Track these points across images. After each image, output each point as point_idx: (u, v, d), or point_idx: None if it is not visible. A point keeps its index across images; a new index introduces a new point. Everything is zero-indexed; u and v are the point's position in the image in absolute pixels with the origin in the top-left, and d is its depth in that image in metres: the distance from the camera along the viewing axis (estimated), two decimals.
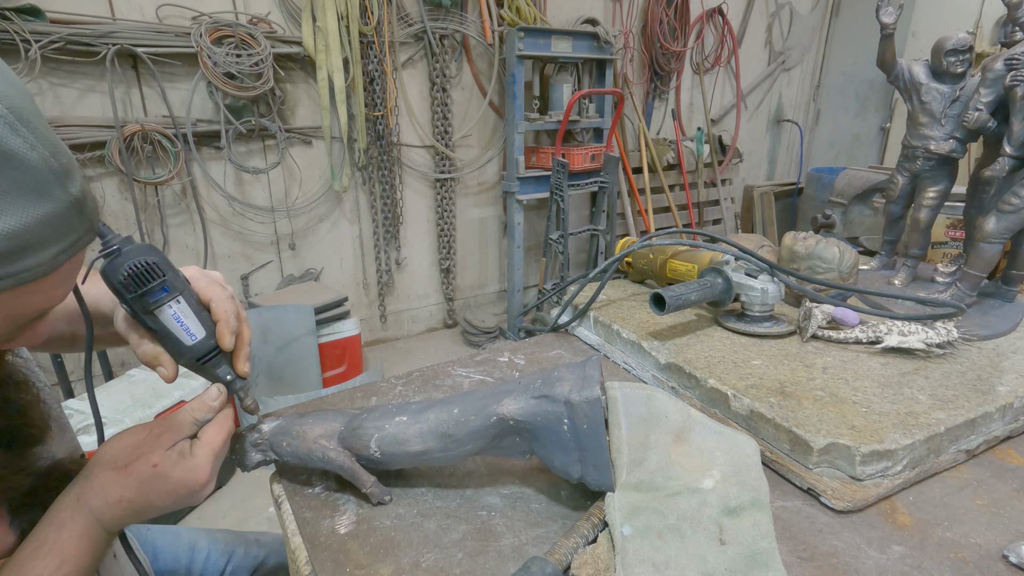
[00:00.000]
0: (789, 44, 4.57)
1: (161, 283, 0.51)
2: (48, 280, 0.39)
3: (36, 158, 0.35)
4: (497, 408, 0.56)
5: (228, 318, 0.56)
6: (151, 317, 0.52)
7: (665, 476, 0.58)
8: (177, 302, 0.53)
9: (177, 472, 0.53)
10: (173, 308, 0.53)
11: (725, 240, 1.00)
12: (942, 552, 0.54)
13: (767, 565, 0.50)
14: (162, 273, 0.51)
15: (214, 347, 0.56)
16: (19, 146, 0.34)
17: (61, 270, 0.40)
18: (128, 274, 0.50)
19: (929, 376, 0.76)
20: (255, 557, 0.95)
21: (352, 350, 2.64)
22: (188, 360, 0.55)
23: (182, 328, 0.53)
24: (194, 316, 0.54)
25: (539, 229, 3.64)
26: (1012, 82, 0.88)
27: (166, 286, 0.52)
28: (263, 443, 0.62)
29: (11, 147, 0.33)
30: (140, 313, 0.52)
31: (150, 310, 0.52)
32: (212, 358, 0.56)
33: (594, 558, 0.51)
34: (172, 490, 0.53)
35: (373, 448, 0.59)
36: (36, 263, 0.36)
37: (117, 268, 0.49)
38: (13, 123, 0.34)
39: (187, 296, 0.54)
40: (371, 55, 2.78)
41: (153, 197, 2.54)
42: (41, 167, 0.35)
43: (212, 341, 0.55)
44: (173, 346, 0.54)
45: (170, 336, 0.53)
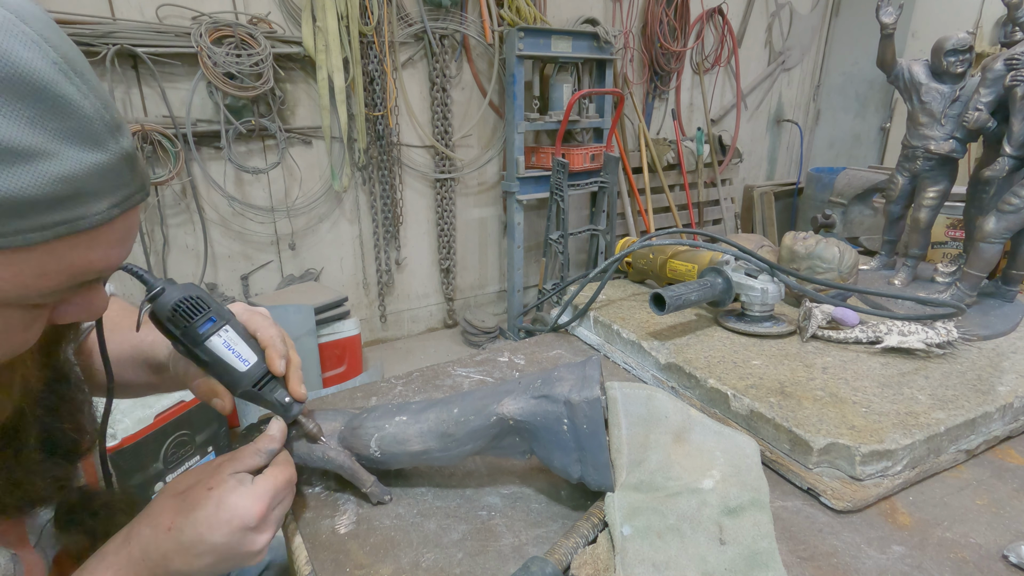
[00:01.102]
0: (789, 44, 4.57)
1: (207, 315, 0.53)
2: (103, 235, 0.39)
3: (89, 107, 0.35)
4: (497, 408, 0.56)
5: (275, 343, 0.57)
6: (202, 348, 0.53)
7: (665, 476, 0.58)
8: (226, 331, 0.54)
9: (232, 498, 0.49)
10: (223, 337, 0.54)
11: (725, 240, 1.00)
12: (942, 552, 0.54)
13: (767, 565, 0.50)
14: (207, 305, 0.54)
15: (266, 372, 0.56)
16: (72, 94, 0.34)
17: (115, 227, 0.40)
18: (175, 309, 0.52)
19: (929, 376, 0.76)
20: (260, 561, 0.94)
21: (352, 350, 2.64)
22: (244, 387, 0.56)
23: (234, 355, 0.54)
24: (244, 343, 0.55)
25: (539, 229, 3.64)
26: (1012, 82, 0.88)
27: (212, 317, 0.54)
28: None
29: (65, 93, 0.34)
30: (191, 346, 0.53)
31: (200, 342, 0.53)
32: (267, 383, 0.56)
33: (594, 558, 0.51)
34: (226, 519, 0.49)
35: (373, 448, 0.59)
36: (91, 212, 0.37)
37: (164, 306, 0.52)
38: (67, 71, 0.34)
39: (234, 325, 0.55)
40: (371, 55, 2.78)
41: (153, 197, 2.54)
42: (94, 117, 0.36)
43: (264, 367, 0.56)
44: (227, 375, 0.55)
45: (223, 365, 0.54)
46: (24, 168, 0.32)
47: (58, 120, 0.34)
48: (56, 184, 0.34)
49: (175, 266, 2.67)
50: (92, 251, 0.39)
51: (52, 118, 0.33)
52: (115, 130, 0.38)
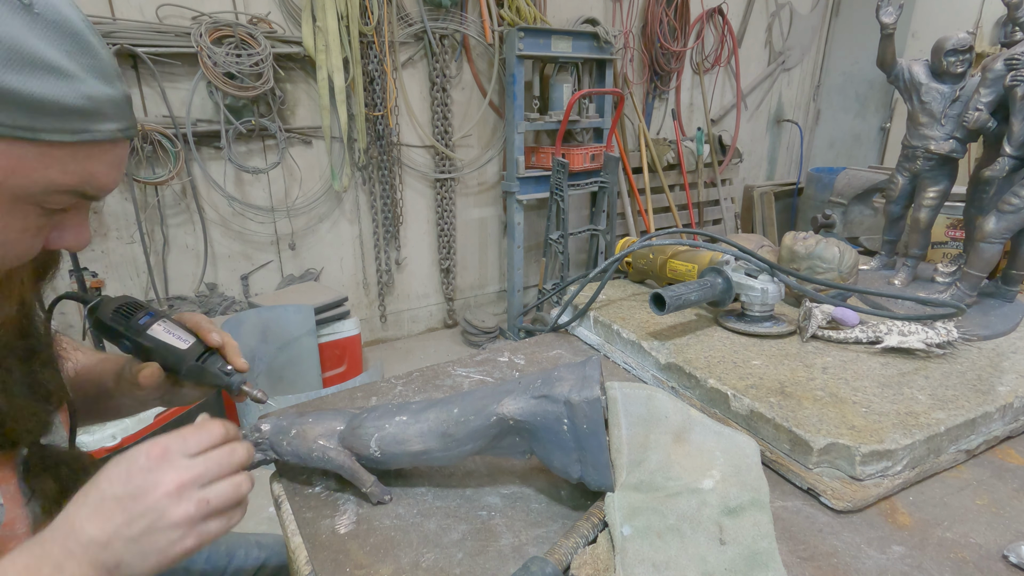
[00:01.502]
0: (789, 44, 4.57)
1: (145, 311, 0.63)
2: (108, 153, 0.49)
3: (105, 55, 0.48)
4: (497, 408, 0.56)
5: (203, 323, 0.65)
6: (145, 336, 0.61)
7: (665, 476, 0.58)
8: (163, 322, 0.63)
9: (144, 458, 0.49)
10: (162, 325, 0.63)
11: (725, 240, 1.00)
12: (942, 552, 0.54)
13: (767, 565, 0.50)
14: (142, 305, 0.63)
15: (206, 348, 0.64)
16: (96, 43, 0.47)
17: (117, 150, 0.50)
18: (116, 311, 0.62)
19: (929, 376, 0.76)
20: (256, 559, 0.94)
21: (352, 350, 2.64)
22: (189, 362, 0.62)
23: (174, 337, 0.62)
24: (180, 328, 0.64)
25: (539, 229, 3.64)
26: (1012, 82, 0.88)
27: (150, 312, 0.63)
28: (263, 443, 0.62)
29: (92, 41, 0.46)
30: (135, 337, 0.61)
31: (143, 331, 0.62)
32: (208, 357, 0.63)
33: (593, 558, 0.51)
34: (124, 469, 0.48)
35: (373, 448, 0.59)
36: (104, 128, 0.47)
37: (106, 310, 0.62)
38: (92, 27, 0.47)
39: (168, 319, 0.64)
40: (371, 55, 2.78)
41: (153, 197, 2.54)
42: (108, 62, 0.48)
43: (202, 344, 0.64)
44: (171, 355, 0.62)
45: (165, 347, 0.62)
46: (64, 84, 0.44)
47: (87, 57, 0.46)
48: (84, 100, 0.45)
49: (175, 266, 2.67)
50: (100, 164, 0.49)
51: (83, 55, 0.45)
52: (119, 77, 0.50)
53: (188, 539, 0.48)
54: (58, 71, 0.43)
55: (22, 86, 0.41)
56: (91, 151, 0.47)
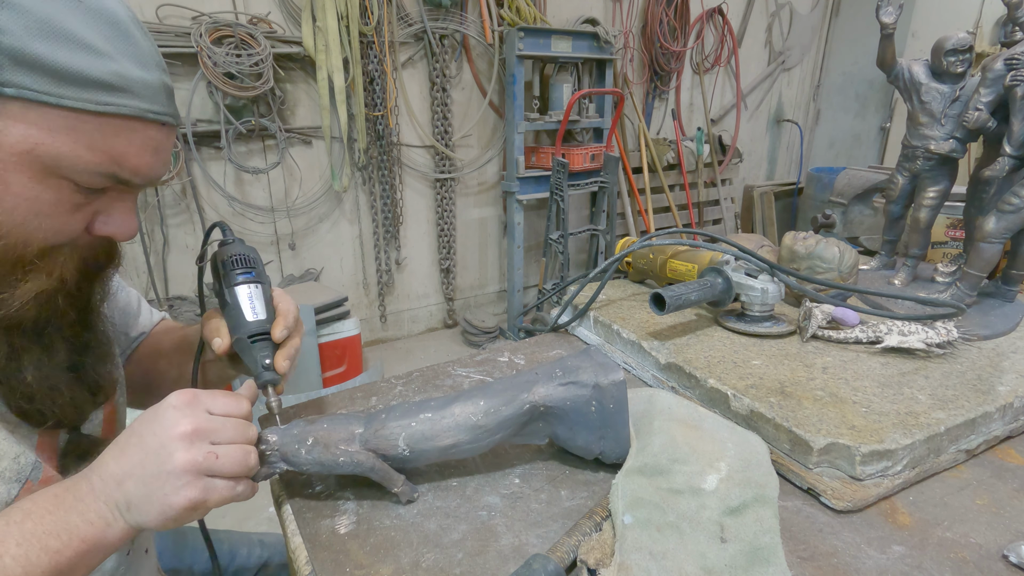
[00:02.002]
0: (789, 44, 4.57)
1: (249, 270, 0.63)
2: (139, 132, 0.50)
3: (145, 45, 0.50)
4: (529, 396, 0.61)
5: (287, 317, 0.64)
6: (230, 291, 0.62)
7: (671, 458, 0.60)
8: (255, 287, 0.62)
9: (168, 407, 0.51)
10: (250, 289, 0.62)
11: (725, 240, 1.00)
12: (942, 552, 0.54)
13: (768, 560, 0.50)
14: (254, 266, 0.63)
15: (267, 332, 0.62)
16: (137, 33, 0.49)
17: (150, 133, 0.51)
18: (230, 256, 0.63)
19: (929, 376, 0.76)
20: (259, 558, 0.95)
21: (352, 350, 2.64)
22: (241, 334, 0.61)
23: (249, 305, 0.61)
24: (263, 303, 0.62)
25: (539, 229, 3.64)
26: (1012, 82, 0.88)
27: (252, 272, 0.63)
28: (272, 454, 0.59)
29: (131, 31, 0.49)
30: (224, 286, 0.62)
31: (232, 284, 0.62)
32: (261, 340, 0.61)
33: (601, 543, 0.52)
34: (150, 417, 0.50)
35: (402, 447, 0.59)
36: (132, 104, 0.48)
37: (226, 252, 0.63)
38: (137, 22, 0.50)
39: (265, 289, 0.64)
40: (371, 55, 2.78)
41: (153, 197, 2.54)
42: (148, 51, 0.50)
43: (267, 327, 0.62)
44: (236, 319, 0.61)
45: (237, 309, 0.61)
46: (94, 59, 0.45)
47: (123, 43, 0.48)
48: (113, 76, 0.46)
49: (175, 266, 2.67)
50: (129, 144, 0.49)
51: (119, 40, 0.47)
52: (161, 69, 0.52)
53: (191, 489, 0.48)
54: (90, 48, 0.45)
55: (51, 55, 0.43)
56: (118, 128, 0.48)
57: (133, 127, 0.49)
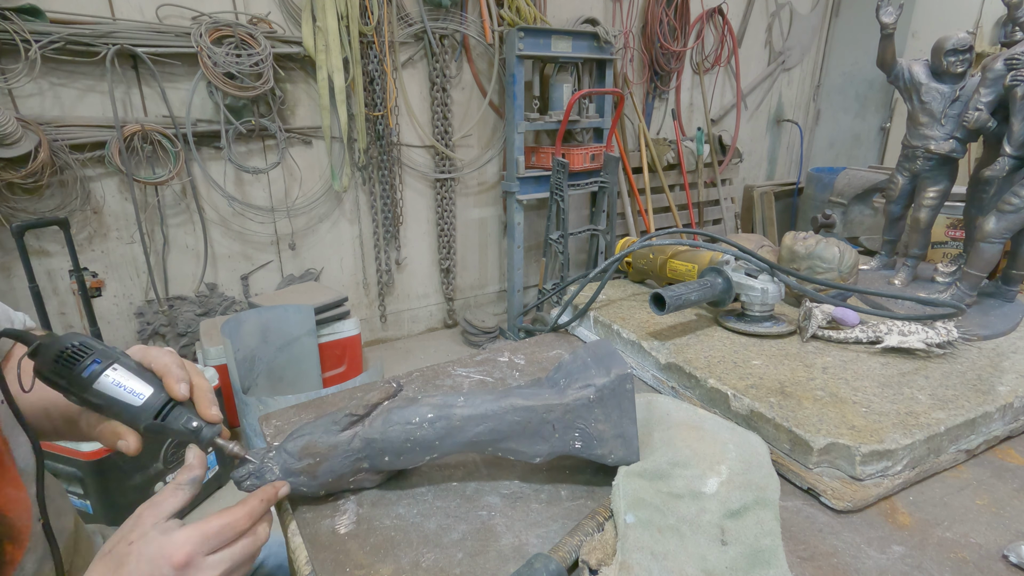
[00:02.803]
0: (789, 44, 4.57)
1: (91, 357, 0.52)
2: None
3: None
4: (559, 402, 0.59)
5: (171, 369, 0.55)
6: (91, 392, 0.51)
7: (671, 463, 0.59)
8: (113, 369, 0.52)
9: (152, 548, 0.48)
10: (111, 376, 0.52)
11: (725, 240, 1.00)
12: (942, 552, 0.54)
13: (769, 563, 0.50)
14: (90, 349, 0.52)
15: (167, 400, 0.54)
16: None
17: None
18: (56, 360, 0.51)
19: (929, 376, 0.76)
20: None
21: (352, 350, 2.64)
22: (145, 421, 0.53)
23: (125, 391, 0.52)
24: (136, 378, 0.53)
25: (539, 229, 3.64)
26: (1012, 82, 0.88)
27: (97, 358, 0.52)
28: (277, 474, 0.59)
29: None
30: (81, 392, 0.52)
31: (88, 385, 0.51)
32: (170, 411, 0.54)
33: (603, 544, 0.52)
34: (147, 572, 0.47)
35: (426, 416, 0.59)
36: None
37: (46, 359, 0.51)
38: None
39: (123, 362, 0.54)
40: (371, 55, 2.78)
41: (153, 197, 2.54)
42: None
43: (163, 396, 0.54)
44: (125, 413, 0.52)
45: (117, 404, 0.52)
46: None
47: None
48: None
49: (175, 266, 2.67)
50: None
51: None
52: None
53: None
54: None
55: None
56: None
57: None
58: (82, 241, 2.46)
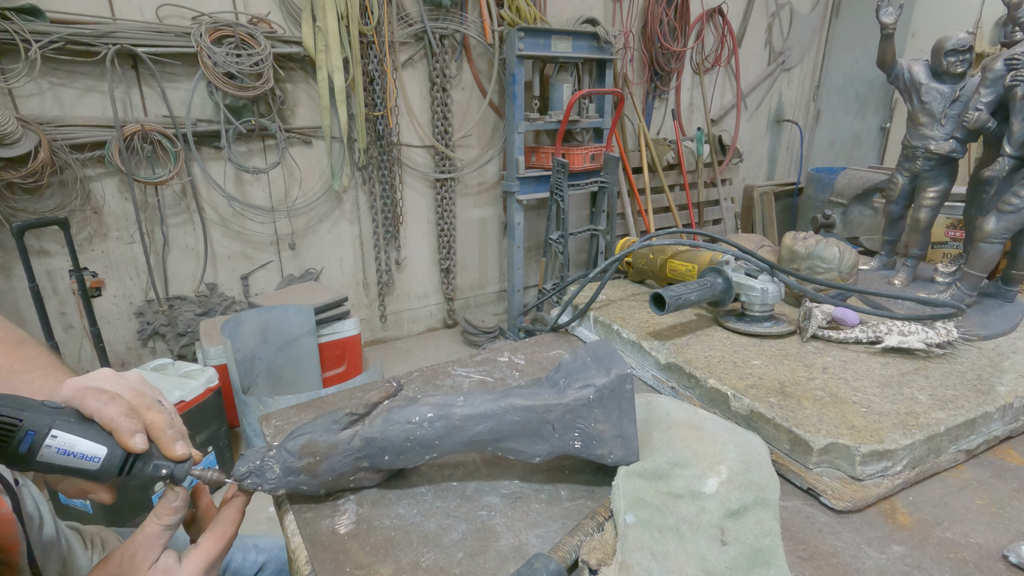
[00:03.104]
0: (789, 44, 4.57)
1: (22, 431, 0.44)
2: None
3: None
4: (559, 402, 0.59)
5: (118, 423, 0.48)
6: (38, 466, 0.45)
7: (670, 463, 0.59)
8: (53, 437, 0.45)
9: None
10: (52, 445, 0.45)
11: (725, 240, 1.00)
12: (942, 552, 0.54)
13: (769, 563, 0.50)
14: (17, 419, 0.44)
15: (125, 456, 0.48)
16: None
17: None
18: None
19: (929, 376, 0.76)
20: (254, 563, 0.94)
21: (352, 350, 2.64)
22: (107, 479, 0.48)
23: (76, 458, 0.46)
24: (83, 439, 0.46)
25: (539, 229, 3.64)
26: (1012, 82, 0.88)
27: (29, 431, 0.44)
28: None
29: None
30: (28, 468, 0.45)
31: (31, 461, 0.45)
32: (132, 466, 0.49)
33: (603, 544, 0.52)
34: None
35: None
36: None
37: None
38: None
39: (61, 424, 0.46)
40: (371, 55, 2.78)
41: (153, 197, 2.54)
42: None
43: (120, 452, 0.48)
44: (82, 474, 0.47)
45: (72, 471, 0.47)
46: None
47: None
48: None
49: (175, 266, 2.67)
50: None
51: None
52: None
53: None
54: None
55: None
56: None
57: None
58: (82, 241, 2.46)
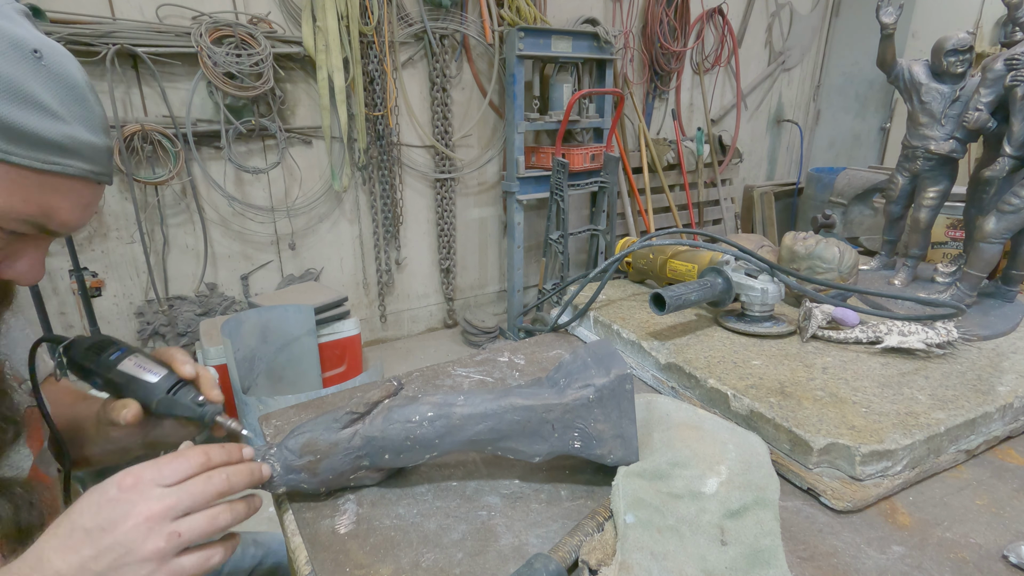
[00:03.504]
0: (789, 44, 4.57)
1: (117, 346, 0.63)
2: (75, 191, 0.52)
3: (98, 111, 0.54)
4: (559, 401, 0.59)
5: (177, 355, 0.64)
6: (115, 372, 0.61)
7: (670, 463, 0.59)
8: (134, 356, 0.63)
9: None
10: (133, 360, 0.62)
11: (725, 240, 1.00)
12: (942, 552, 0.54)
13: (769, 563, 0.50)
14: (113, 342, 0.63)
15: (178, 379, 0.63)
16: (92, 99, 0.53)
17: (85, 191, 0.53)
18: (87, 348, 0.63)
19: (929, 376, 0.76)
20: (252, 557, 0.94)
21: (352, 350, 2.64)
22: (159, 395, 0.61)
23: (144, 371, 0.62)
24: (151, 362, 0.63)
25: (539, 229, 3.64)
26: (1012, 82, 0.88)
27: (121, 348, 0.63)
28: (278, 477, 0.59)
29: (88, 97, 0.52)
30: (106, 373, 0.61)
31: (113, 366, 0.61)
32: (179, 389, 0.62)
33: (603, 544, 0.52)
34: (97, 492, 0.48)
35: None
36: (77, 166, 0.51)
37: (78, 348, 0.63)
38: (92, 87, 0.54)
39: (142, 354, 0.64)
40: (371, 55, 2.78)
41: (153, 197, 2.54)
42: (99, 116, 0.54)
43: (174, 377, 0.63)
44: (141, 390, 0.61)
45: (136, 382, 0.61)
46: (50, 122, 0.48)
47: (79, 108, 0.51)
48: (65, 139, 0.49)
49: (175, 266, 2.67)
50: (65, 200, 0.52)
51: (76, 104, 0.51)
52: (107, 131, 0.55)
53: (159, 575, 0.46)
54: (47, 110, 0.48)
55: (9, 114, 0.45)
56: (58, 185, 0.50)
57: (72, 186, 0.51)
58: (82, 241, 2.46)
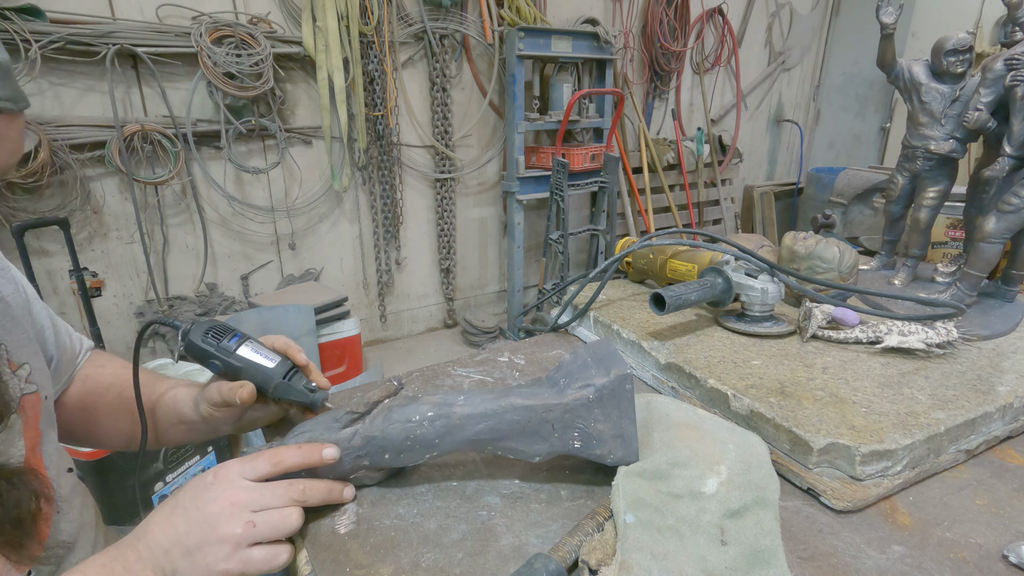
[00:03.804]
0: (789, 44, 4.57)
1: (234, 332, 0.67)
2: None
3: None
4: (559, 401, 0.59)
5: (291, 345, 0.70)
6: (235, 357, 0.66)
7: (670, 463, 0.59)
8: (251, 343, 0.67)
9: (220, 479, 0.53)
10: (250, 346, 0.67)
11: (725, 240, 1.00)
12: (942, 552, 0.54)
13: (769, 563, 0.50)
14: (231, 327, 0.67)
15: (292, 366, 0.68)
16: None
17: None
18: (207, 332, 0.66)
19: (929, 376, 0.76)
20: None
21: (352, 350, 2.64)
22: (277, 380, 0.66)
23: (263, 356, 0.67)
24: (267, 350, 0.68)
25: (539, 229, 3.64)
26: (1012, 82, 0.88)
27: (238, 334, 0.68)
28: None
29: None
30: (226, 357, 0.65)
31: (233, 351, 0.66)
32: (294, 374, 0.68)
33: (603, 544, 0.52)
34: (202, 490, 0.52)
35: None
36: None
37: (197, 334, 0.66)
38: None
39: (255, 341, 0.69)
40: (371, 55, 2.78)
41: (153, 197, 2.54)
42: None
43: (288, 363, 0.68)
44: (260, 374, 0.66)
45: (255, 366, 0.66)
46: None
47: None
48: None
49: (175, 266, 2.67)
50: None
51: None
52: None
53: (231, 561, 0.50)
54: None
55: None
56: None
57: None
58: (82, 241, 2.46)
